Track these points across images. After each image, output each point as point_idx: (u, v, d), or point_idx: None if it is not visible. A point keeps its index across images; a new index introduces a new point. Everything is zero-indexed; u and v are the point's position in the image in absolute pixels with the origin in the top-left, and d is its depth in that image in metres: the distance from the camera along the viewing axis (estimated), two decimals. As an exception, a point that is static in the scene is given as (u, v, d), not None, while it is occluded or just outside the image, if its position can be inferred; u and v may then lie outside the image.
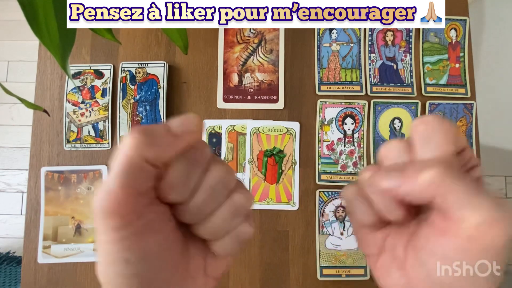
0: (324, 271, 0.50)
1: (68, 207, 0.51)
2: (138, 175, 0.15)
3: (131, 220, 0.15)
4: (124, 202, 0.15)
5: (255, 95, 0.54)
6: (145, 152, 0.15)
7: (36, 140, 0.53)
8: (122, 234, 0.15)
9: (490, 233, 0.15)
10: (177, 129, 0.16)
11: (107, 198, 0.15)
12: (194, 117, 0.17)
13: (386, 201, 0.18)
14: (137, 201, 0.16)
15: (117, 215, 0.15)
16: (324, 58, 0.55)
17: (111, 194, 0.15)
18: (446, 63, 0.55)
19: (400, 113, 0.54)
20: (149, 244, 0.16)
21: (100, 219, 0.15)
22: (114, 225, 0.15)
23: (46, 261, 0.50)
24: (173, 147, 0.16)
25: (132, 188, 0.15)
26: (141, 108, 0.52)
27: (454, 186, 0.15)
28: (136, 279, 0.16)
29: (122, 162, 0.15)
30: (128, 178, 0.15)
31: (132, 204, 0.15)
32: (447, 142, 0.16)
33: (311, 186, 0.53)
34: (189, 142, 0.17)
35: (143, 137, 0.15)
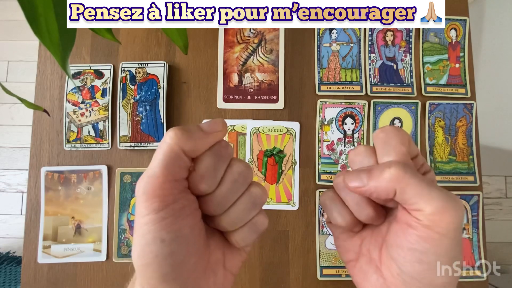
0: (324, 271, 0.50)
1: (68, 207, 0.51)
2: (177, 164, 0.19)
3: (169, 203, 0.18)
4: (164, 186, 0.18)
5: (255, 95, 0.54)
6: (184, 145, 0.19)
7: (36, 140, 0.53)
8: (161, 215, 0.18)
9: (443, 220, 0.18)
10: (207, 128, 0.20)
11: (150, 182, 0.18)
12: (220, 120, 0.21)
13: (357, 201, 0.21)
14: (174, 186, 0.19)
15: (158, 197, 0.18)
16: (324, 58, 0.55)
17: (154, 178, 0.18)
18: (446, 63, 0.55)
19: (400, 113, 0.54)
20: (181, 227, 0.19)
21: (143, 201, 0.18)
22: (155, 206, 0.18)
23: (46, 261, 0.50)
24: (205, 142, 0.20)
25: (172, 175, 0.18)
26: (141, 108, 0.52)
27: (411, 181, 0.18)
28: (170, 259, 0.18)
29: (165, 151, 0.18)
30: (169, 165, 0.18)
31: (170, 189, 0.18)
32: (402, 145, 0.20)
33: (311, 186, 0.53)
34: (217, 139, 0.20)
35: (182, 133, 0.19)
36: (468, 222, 0.52)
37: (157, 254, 0.18)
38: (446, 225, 0.18)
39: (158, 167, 0.18)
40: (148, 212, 0.18)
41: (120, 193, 0.52)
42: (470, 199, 0.52)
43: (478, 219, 0.52)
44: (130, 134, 0.52)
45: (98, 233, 0.51)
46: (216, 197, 0.20)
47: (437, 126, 0.54)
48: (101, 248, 0.51)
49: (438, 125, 0.54)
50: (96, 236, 0.51)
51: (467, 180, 0.53)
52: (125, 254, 0.51)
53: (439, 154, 0.54)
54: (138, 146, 0.52)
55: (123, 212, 0.51)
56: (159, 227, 0.18)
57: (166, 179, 0.18)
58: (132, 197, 0.52)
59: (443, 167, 0.53)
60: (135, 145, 0.52)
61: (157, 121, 0.52)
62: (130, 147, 0.52)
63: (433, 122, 0.54)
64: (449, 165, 0.53)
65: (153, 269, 0.18)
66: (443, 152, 0.54)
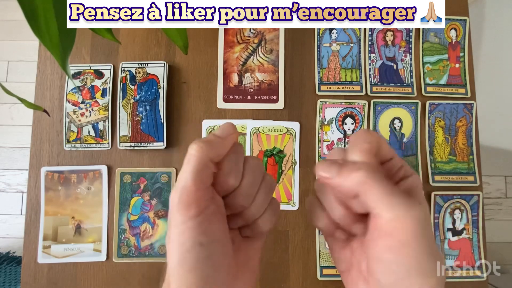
0: (324, 271, 0.50)
1: (68, 207, 0.51)
2: (205, 172, 0.20)
3: (203, 209, 0.20)
4: (197, 194, 0.20)
5: (255, 95, 0.54)
6: (209, 153, 0.21)
7: (36, 140, 0.53)
8: (198, 220, 0.20)
9: (403, 228, 0.18)
10: (222, 134, 0.22)
11: (185, 192, 0.20)
12: (230, 124, 0.23)
13: (329, 200, 0.22)
14: (205, 193, 0.21)
15: (194, 204, 0.20)
16: (324, 58, 0.55)
17: (188, 188, 0.20)
18: (446, 63, 0.55)
19: (400, 113, 0.54)
20: (215, 230, 0.21)
21: (180, 210, 0.20)
22: (192, 213, 0.20)
23: (46, 261, 0.50)
24: (224, 146, 0.22)
25: (202, 183, 0.20)
26: (141, 108, 0.52)
27: (374, 185, 0.19)
28: (210, 261, 0.20)
29: (194, 163, 0.20)
30: (199, 175, 0.20)
31: (203, 196, 0.20)
32: (367, 143, 0.21)
33: (311, 186, 0.53)
34: (233, 141, 0.23)
35: (205, 144, 0.21)
36: (468, 222, 0.52)
37: (198, 258, 0.19)
38: (405, 233, 0.18)
39: (190, 178, 0.20)
40: (186, 219, 0.20)
41: (120, 193, 0.52)
42: (470, 199, 0.52)
43: (478, 219, 0.52)
44: (130, 134, 0.52)
45: (98, 233, 0.51)
46: (243, 189, 0.23)
47: (437, 126, 0.54)
48: (101, 248, 0.51)
49: (438, 125, 0.54)
50: (96, 236, 0.51)
51: (467, 180, 0.53)
52: (125, 254, 0.51)
53: (439, 154, 0.54)
54: (138, 146, 0.52)
55: (123, 212, 0.51)
56: (197, 233, 0.20)
57: (198, 188, 0.20)
58: (132, 197, 0.52)
59: (443, 167, 0.53)
60: (135, 145, 0.52)
61: (157, 121, 0.52)
62: (130, 147, 0.52)
63: (433, 122, 0.54)
64: (449, 165, 0.53)
65: (195, 274, 0.19)
66: (443, 152, 0.54)
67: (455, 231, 0.52)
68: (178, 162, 0.53)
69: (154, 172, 0.52)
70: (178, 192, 0.20)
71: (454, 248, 0.51)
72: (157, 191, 0.52)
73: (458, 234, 0.52)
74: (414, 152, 0.53)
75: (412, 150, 0.53)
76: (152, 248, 0.51)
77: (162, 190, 0.52)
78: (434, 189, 0.52)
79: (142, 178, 0.52)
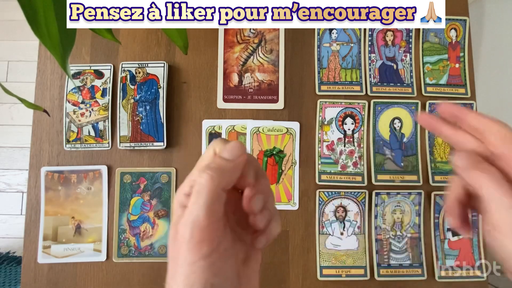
0: (324, 271, 0.50)
1: (68, 207, 0.51)
2: (217, 203, 0.19)
3: (215, 246, 0.19)
4: (209, 228, 0.18)
5: (255, 95, 0.54)
6: (221, 183, 0.19)
7: (36, 140, 0.53)
8: (210, 260, 0.18)
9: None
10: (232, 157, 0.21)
11: (196, 226, 0.18)
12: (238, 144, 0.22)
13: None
14: (217, 227, 0.19)
15: (206, 241, 0.18)
16: (324, 58, 0.55)
17: (199, 222, 0.18)
18: (446, 63, 0.55)
19: (400, 113, 0.54)
20: (227, 269, 0.19)
21: (191, 248, 0.18)
22: (204, 251, 0.18)
23: (46, 261, 0.50)
24: (236, 171, 0.21)
25: (214, 215, 0.19)
26: (141, 108, 0.52)
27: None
28: None
29: (206, 194, 0.19)
30: (211, 207, 0.19)
31: (215, 230, 0.19)
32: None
33: (311, 186, 0.53)
34: (243, 163, 0.21)
35: (217, 174, 0.19)
36: (468, 222, 0.52)
37: None
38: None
39: (202, 212, 0.18)
40: (197, 259, 0.18)
41: (120, 193, 0.52)
42: (470, 199, 0.52)
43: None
44: (130, 134, 0.52)
45: (98, 233, 0.51)
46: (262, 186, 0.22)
47: (437, 126, 0.54)
48: (101, 248, 0.51)
49: (438, 125, 0.54)
50: (96, 236, 0.51)
51: (467, 180, 0.53)
52: (125, 254, 0.51)
53: (439, 154, 0.54)
54: (138, 146, 0.52)
55: (123, 212, 0.51)
56: (209, 274, 0.18)
57: (210, 221, 0.18)
58: (132, 197, 0.52)
59: (443, 167, 0.53)
60: (135, 145, 0.52)
61: (157, 121, 0.52)
62: (130, 147, 0.52)
63: (433, 122, 0.54)
64: (449, 165, 0.53)
65: None
66: (443, 152, 0.54)
67: (455, 231, 0.52)
68: (178, 162, 0.53)
69: (154, 172, 0.52)
70: (189, 227, 0.18)
71: (454, 248, 0.51)
72: (157, 191, 0.52)
73: (458, 234, 0.52)
74: (414, 152, 0.53)
75: (412, 150, 0.53)
76: (152, 248, 0.51)
77: (162, 190, 0.52)
78: (434, 189, 0.52)
79: (142, 178, 0.52)
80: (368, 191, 0.52)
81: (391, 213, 0.52)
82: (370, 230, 0.52)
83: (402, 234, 0.52)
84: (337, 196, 0.52)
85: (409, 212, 0.52)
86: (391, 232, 0.52)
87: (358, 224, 0.52)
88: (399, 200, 0.52)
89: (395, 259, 0.51)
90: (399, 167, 0.53)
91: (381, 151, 0.53)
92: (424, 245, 0.51)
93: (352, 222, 0.52)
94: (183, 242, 0.18)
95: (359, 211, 0.52)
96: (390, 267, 0.51)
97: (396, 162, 0.53)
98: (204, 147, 0.53)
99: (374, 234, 0.51)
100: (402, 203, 0.52)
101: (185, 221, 0.19)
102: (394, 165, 0.53)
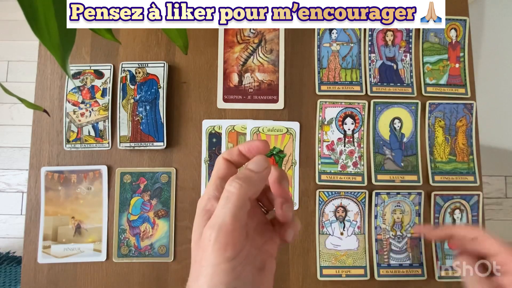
0: (324, 271, 0.50)
1: (68, 207, 0.51)
2: (243, 210, 0.20)
3: (239, 251, 0.20)
4: (234, 233, 0.20)
5: (255, 95, 0.54)
6: (249, 192, 0.21)
7: (36, 140, 0.53)
8: (232, 264, 0.19)
9: None
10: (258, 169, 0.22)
11: (223, 231, 0.19)
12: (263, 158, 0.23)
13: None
14: (241, 233, 0.20)
15: (231, 245, 0.19)
16: (324, 58, 0.55)
17: (226, 227, 0.19)
18: (446, 63, 0.55)
19: (400, 113, 0.54)
20: (247, 273, 0.20)
21: (216, 250, 0.19)
22: (228, 254, 0.19)
23: (46, 261, 0.50)
24: (262, 182, 0.23)
25: (239, 222, 0.20)
26: (141, 108, 0.52)
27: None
28: None
29: (234, 201, 0.20)
30: (237, 214, 0.20)
31: (239, 236, 0.20)
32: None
33: (311, 186, 0.53)
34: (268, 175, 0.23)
35: (246, 183, 0.21)
36: (468, 222, 0.52)
37: None
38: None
39: (228, 216, 0.20)
40: (221, 261, 0.19)
41: (120, 193, 0.52)
42: (470, 199, 0.52)
43: (478, 219, 0.52)
44: (130, 134, 0.52)
45: (98, 233, 0.51)
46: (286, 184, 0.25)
47: (437, 126, 0.54)
48: (101, 248, 0.51)
49: (438, 125, 0.54)
50: (96, 236, 0.51)
51: (467, 180, 0.53)
52: (125, 254, 0.51)
53: (439, 154, 0.54)
54: (138, 146, 0.52)
55: (123, 212, 0.51)
56: (231, 277, 0.19)
57: (235, 227, 0.20)
58: (132, 197, 0.52)
59: (443, 167, 0.53)
60: (135, 145, 0.52)
61: (157, 121, 0.52)
62: (130, 147, 0.52)
63: (433, 122, 0.54)
64: (449, 165, 0.53)
65: None
66: (443, 152, 0.54)
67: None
68: (178, 162, 0.53)
69: (154, 172, 0.52)
70: (215, 230, 0.19)
71: (454, 248, 0.51)
72: (157, 191, 0.52)
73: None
74: (414, 152, 0.53)
75: (412, 150, 0.53)
76: (152, 248, 0.51)
77: (162, 190, 0.52)
78: (434, 189, 0.52)
79: (142, 178, 0.52)
80: (368, 191, 0.52)
81: (391, 213, 0.52)
82: (370, 230, 0.52)
83: (402, 234, 0.52)
84: (337, 196, 0.52)
85: (409, 212, 0.52)
86: (391, 232, 0.52)
87: (358, 224, 0.52)
88: (399, 200, 0.52)
89: (395, 259, 0.51)
90: (399, 167, 0.53)
91: (381, 151, 0.53)
92: (424, 245, 0.51)
93: (352, 222, 0.52)
94: (208, 244, 0.19)
95: (359, 211, 0.52)
96: (390, 267, 0.51)
97: (396, 162, 0.53)
98: (204, 147, 0.53)
99: (374, 234, 0.51)
100: (402, 203, 0.52)
101: (212, 224, 0.20)
102: (394, 165, 0.53)
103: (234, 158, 0.25)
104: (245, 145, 0.24)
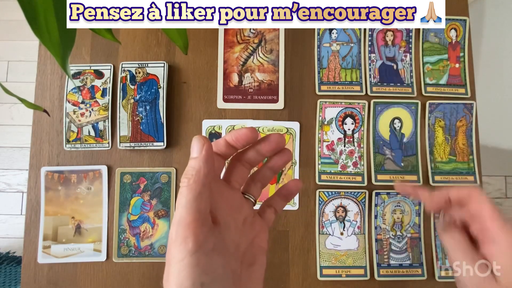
0: (324, 271, 0.50)
1: (68, 207, 0.51)
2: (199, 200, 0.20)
3: (201, 242, 0.19)
4: (194, 224, 0.19)
5: (255, 95, 0.54)
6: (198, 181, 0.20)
7: (36, 140, 0.53)
8: (196, 257, 0.19)
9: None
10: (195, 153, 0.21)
11: (181, 225, 0.19)
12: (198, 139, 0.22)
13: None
14: (202, 224, 0.20)
15: (190, 236, 0.19)
16: (324, 58, 0.55)
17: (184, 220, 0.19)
18: (446, 63, 0.55)
19: (400, 113, 0.54)
20: (216, 267, 0.20)
21: (178, 244, 0.19)
22: (190, 246, 0.19)
23: (46, 261, 0.50)
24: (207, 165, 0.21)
25: (199, 212, 0.20)
26: (141, 108, 0.52)
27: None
28: None
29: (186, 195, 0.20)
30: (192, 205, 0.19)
31: (200, 227, 0.19)
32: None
33: (311, 186, 0.53)
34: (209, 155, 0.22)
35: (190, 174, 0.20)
36: (468, 222, 0.52)
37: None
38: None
39: (184, 210, 0.19)
40: (184, 255, 0.19)
41: (120, 193, 0.52)
42: (470, 199, 0.52)
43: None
44: (130, 134, 0.52)
45: (98, 233, 0.51)
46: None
47: (437, 126, 0.54)
48: (101, 248, 0.51)
49: (438, 125, 0.54)
50: (96, 236, 0.51)
51: (467, 180, 0.53)
52: (125, 254, 0.51)
53: (439, 154, 0.54)
54: (138, 146, 0.52)
55: (123, 212, 0.51)
56: (197, 272, 0.19)
57: (193, 218, 0.19)
58: (132, 197, 0.52)
59: (443, 167, 0.53)
60: (135, 145, 0.52)
61: (157, 121, 0.52)
62: (130, 147, 0.52)
63: (433, 122, 0.54)
64: (449, 165, 0.53)
65: None
66: (443, 152, 0.54)
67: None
68: (178, 162, 0.53)
69: (154, 172, 0.52)
70: (175, 226, 0.19)
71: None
72: (157, 191, 0.52)
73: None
74: (414, 152, 0.53)
75: (412, 150, 0.53)
76: (152, 248, 0.51)
77: (162, 190, 0.52)
78: (434, 189, 0.52)
79: (142, 178, 0.52)
80: (368, 191, 0.52)
81: (391, 213, 0.52)
82: (370, 230, 0.52)
83: (402, 234, 0.52)
84: (337, 196, 0.52)
85: (409, 212, 0.52)
86: (391, 232, 0.52)
87: (358, 224, 0.52)
88: (399, 200, 0.52)
89: (395, 259, 0.51)
90: (399, 167, 0.53)
91: (381, 151, 0.53)
92: (424, 245, 0.51)
93: (352, 222, 0.52)
94: (171, 241, 0.19)
95: (359, 211, 0.52)
96: (390, 267, 0.51)
97: (396, 162, 0.53)
98: (204, 147, 0.53)
99: (374, 234, 0.51)
100: (402, 203, 0.52)
101: (173, 222, 0.20)
102: (394, 165, 0.53)
103: (222, 150, 0.23)
104: (231, 134, 0.23)
